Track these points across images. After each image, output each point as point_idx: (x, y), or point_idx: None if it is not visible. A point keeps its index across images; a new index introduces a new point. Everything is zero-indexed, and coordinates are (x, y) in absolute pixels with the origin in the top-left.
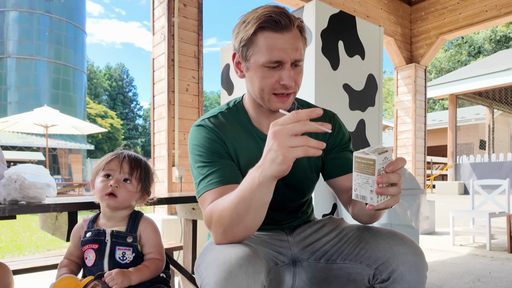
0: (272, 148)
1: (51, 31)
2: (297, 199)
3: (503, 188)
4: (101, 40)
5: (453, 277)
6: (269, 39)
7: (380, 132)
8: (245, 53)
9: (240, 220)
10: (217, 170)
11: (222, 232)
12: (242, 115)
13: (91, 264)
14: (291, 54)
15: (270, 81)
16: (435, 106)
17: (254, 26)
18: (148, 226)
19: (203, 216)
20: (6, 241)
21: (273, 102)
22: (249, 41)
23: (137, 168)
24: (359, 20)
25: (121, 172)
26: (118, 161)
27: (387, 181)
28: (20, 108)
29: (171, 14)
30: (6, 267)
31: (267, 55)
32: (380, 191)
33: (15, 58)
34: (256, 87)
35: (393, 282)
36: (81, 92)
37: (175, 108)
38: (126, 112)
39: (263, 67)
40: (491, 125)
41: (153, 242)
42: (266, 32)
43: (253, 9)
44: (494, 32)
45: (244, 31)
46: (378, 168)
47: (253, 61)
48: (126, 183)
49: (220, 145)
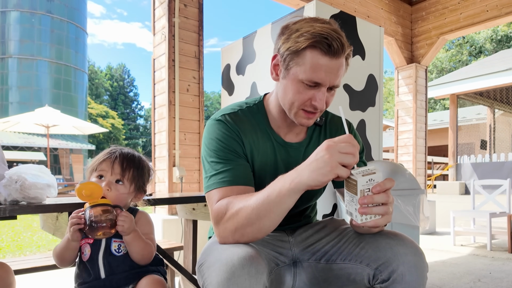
0: (322, 158)
1: (53, 31)
2: (301, 205)
3: (504, 188)
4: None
5: (454, 277)
6: (315, 59)
7: (381, 132)
8: (288, 62)
9: (258, 221)
10: (231, 169)
11: (232, 230)
12: (262, 115)
13: (86, 259)
14: (331, 79)
15: (303, 97)
16: (436, 106)
17: (306, 42)
18: (141, 217)
19: (211, 211)
20: (7, 241)
21: (299, 117)
22: (296, 53)
23: (129, 168)
24: (360, 20)
25: (113, 173)
26: (109, 161)
27: (371, 201)
28: (22, 108)
29: (171, 14)
30: (7, 267)
31: (309, 74)
32: (362, 211)
33: (16, 58)
34: (288, 97)
35: (393, 283)
36: (82, 92)
37: (175, 109)
38: (127, 112)
39: (300, 82)
40: (492, 125)
41: (145, 231)
42: (315, 51)
43: (310, 18)
44: (495, 32)
45: (294, 41)
46: (360, 189)
47: (293, 73)
48: (118, 185)
49: (238, 144)
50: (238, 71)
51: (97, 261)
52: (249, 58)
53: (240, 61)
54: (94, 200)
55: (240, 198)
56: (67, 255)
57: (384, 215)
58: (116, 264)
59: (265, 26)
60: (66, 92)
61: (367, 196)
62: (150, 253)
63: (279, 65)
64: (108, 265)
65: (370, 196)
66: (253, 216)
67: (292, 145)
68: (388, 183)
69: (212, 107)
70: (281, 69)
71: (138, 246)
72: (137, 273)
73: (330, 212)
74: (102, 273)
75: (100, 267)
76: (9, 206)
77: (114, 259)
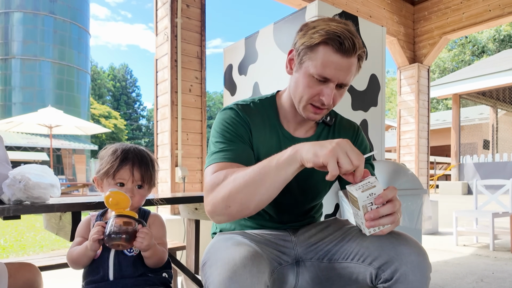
0: (328, 144)
1: (55, 32)
2: (306, 203)
3: (507, 188)
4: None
5: (456, 277)
6: (327, 56)
7: (383, 132)
8: (302, 56)
9: (252, 186)
10: (235, 149)
11: (225, 195)
12: (272, 110)
13: (97, 257)
14: (340, 76)
15: (312, 92)
16: (438, 105)
17: (320, 38)
18: (156, 220)
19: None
20: (10, 241)
21: (307, 111)
22: (309, 48)
23: (146, 172)
24: (362, 20)
25: (134, 180)
26: (128, 169)
27: (377, 215)
28: (25, 109)
29: (174, 15)
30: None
31: (319, 69)
32: (369, 225)
33: (19, 59)
34: (298, 91)
35: (396, 282)
36: (85, 93)
37: (178, 109)
38: (129, 113)
39: (311, 77)
40: (495, 125)
41: (159, 235)
42: (328, 47)
43: (328, 18)
44: (498, 31)
45: (309, 37)
46: (362, 205)
47: (305, 67)
48: (140, 190)
49: (245, 130)
50: (240, 71)
51: (107, 260)
52: (251, 58)
53: (242, 61)
54: (120, 210)
55: (239, 169)
56: (82, 262)
57: (391, 223)
58: (126, 264)
59: (267, 27)
60: (69, 92)
61: (372, 211)
62: (163, 260)
63: (293, 59)
64: (118, 264)
65: (376, 211)
66: (249, 181)
67: (299, 140)
68: (390, 193)
69: (215, 107)
70: (295, 63)
71: (154, 259)
72: (145, 280)
73: (332, 212)
74: (110, 274)
75: (110, 267)
76: (13, 205)
77: (125, 259)
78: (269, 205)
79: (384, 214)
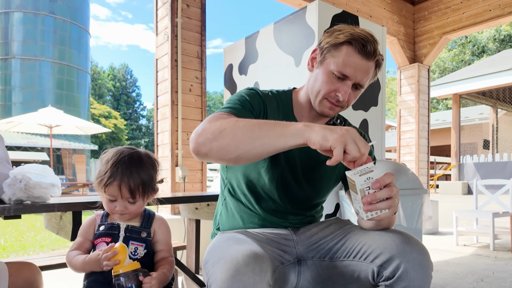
0: (339, 130)
1: (55, 32)
2: (310, 195)
3: (507, 188)
4: (108, 43)
5: (457, 277)
6: (349, 55)
7: (383, 132)
8: (325, 54)
9: (247, 137)
10: (243, 112)
11: (218, 128)
12: (287, 102)
13: None
14: (358, 76)
15: (330, 87)
16: (438, 105)
17: (345, 38)
18: (162, 224)
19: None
20: (11, 240)
21: (322, 105)
22: (334, 47)
23: (137, 187)
24: (362, 20)
25: (123, 197)
26: (117, 187)
27: (374, 199)
28: (25, 109)
29: (174, 14)
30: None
31: (340, 66)
32: (366, 209)
33: (19, 59)
34: (317, 85)
35: (398, 280)
36: (85, 93)
37: (178, 109)
38: (129, 113)
39: (331, 73)
40: (495, 125)
41: (165, 240)
42: (351, 48)
43: (353, 26)
44: (498, 31)
45: (335, 37)
46: (360, 188)
47: (327, 63)
48: (132, 205)
49: (260, 108)
50: (241, 71)
51: None
52: (252, 58)
53: (242, 61)
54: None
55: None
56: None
57: (389, 208)
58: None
59: (268, 26)
60: (69, 92)
61: (369, 194)
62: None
63: (316, 58)
64: None
65: (373, 194)
66: (248, 129)
67: None
68: (387, 178)
69: (215, 107)
70: (317, 60)
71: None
72: None
73: (332, 212)
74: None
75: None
76: (13, 205)
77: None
78: (275, 188)
79: (382, 199)
